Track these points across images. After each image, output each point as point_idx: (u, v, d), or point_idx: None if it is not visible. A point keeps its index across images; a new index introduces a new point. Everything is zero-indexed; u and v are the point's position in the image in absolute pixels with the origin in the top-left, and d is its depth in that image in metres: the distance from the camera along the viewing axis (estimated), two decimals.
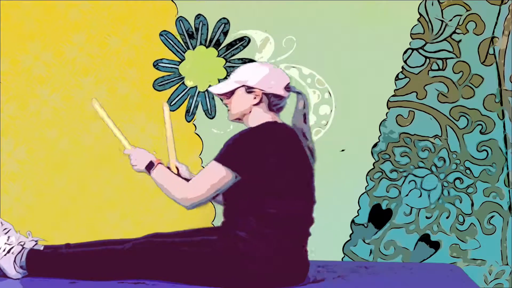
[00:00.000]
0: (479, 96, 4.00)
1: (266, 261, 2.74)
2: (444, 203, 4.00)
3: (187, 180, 2.86)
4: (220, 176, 2.75)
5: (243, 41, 3.89)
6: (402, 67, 3.99)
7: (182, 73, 3.97)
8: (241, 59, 3.96)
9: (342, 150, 3.98)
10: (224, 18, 3.95)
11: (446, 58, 3.99)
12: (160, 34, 3.96)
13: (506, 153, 3.99)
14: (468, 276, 3.16)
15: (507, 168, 3.99)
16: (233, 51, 3.94)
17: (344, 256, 3.99)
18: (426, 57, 3.99)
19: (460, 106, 4.00)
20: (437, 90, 4.00)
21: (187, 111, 3.97)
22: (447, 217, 4.00)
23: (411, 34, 3.98)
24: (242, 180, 2.76)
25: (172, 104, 3.95)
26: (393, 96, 3.99)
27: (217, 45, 3.96)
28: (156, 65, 3.97)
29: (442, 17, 3.98)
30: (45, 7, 3.99)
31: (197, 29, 3.92)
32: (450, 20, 3.98)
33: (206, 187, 2.76)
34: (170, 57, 3.99)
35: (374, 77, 3.97)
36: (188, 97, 3.97)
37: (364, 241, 4.00)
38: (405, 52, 3.98)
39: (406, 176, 4.00)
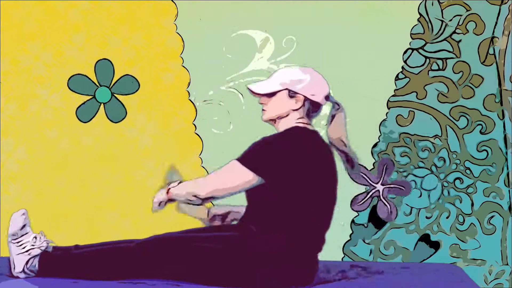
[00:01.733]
0: (479, 96, 3.99)
1: (278, 262, 2.73)
2: (444, 203, 4.00)
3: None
4: (244, 179, 2.76)
5: None
6: (402, 67, 3.99)
7: None
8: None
9: None
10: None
11: (446, 58, 3.99)
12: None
13: (506, 153, 3.99)
14: (468, 276, 3.16)
15: (507, 168, 3.99)
16: None
17: (344, 256, 3.99)
18: (426, 57, 3.99)
19: (460, 106, 4.00)
20: (437, 90, 4.00)
21: None
22: (447, 217, 4.00)
23: (411, 34, 3.98)
24: (266, 183, 2.77)
25: None
26: (393, 96, 3.99)
27: None
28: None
29: (442, 17, 3.98)
30: (45, 7, 3.99)
31: None
32: (450, 20, 3.98)
33: (225, 185, 2.78)
34: (171, 58, 3.99)
35: (374, 77, 3.97)
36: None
37: (364, 241, 4.00)
38: (405, 52, 3.98)
39: (406, 176, 4.00)
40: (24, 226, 2.93)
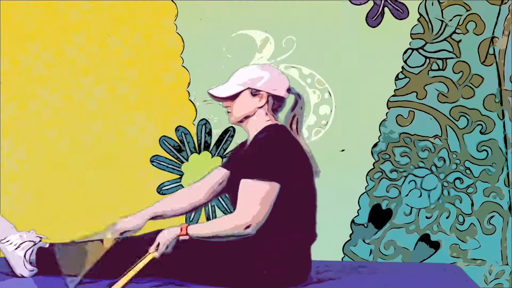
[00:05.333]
0: (479, 96, 4.00)
1: (271, 261, 2.74)
2: (444, 203, 4.00)
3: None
4: (270, 193, 2.73)
5: (229, 132, 3.92)
6: (402, 67, 3.99)
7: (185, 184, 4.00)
8: None
9: (342, 150, 3.98)
10: (203, 119, 3.96)
11: (446, 58, 3.99)
12: (151, 161, 3.98)
13: (506, 153, 3.99)
14: (468, 276, 3.16)
15: (507, 168, 3.99)
16: (224, 145, 3.95)
17: (344, 256, 3.99)
18: (426, 57, 3.99)
19: (460, 106, 4.00)
20: (437, 90, 4.00)
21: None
22: (447, 217, 4.00)
23: (411, 34, 3.98)
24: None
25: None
26: (393, 96, 3.99)
27: (207, 147, 3.97)
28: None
29: (442, 17, 3.98)
30: (45, 7, 3.99)
31: (181, 141, 3.94)
32: (450, 20, 3.98)
33: (262, 206, 2.72)
34: (171, 58, 3.99)
35: (374, 77, 3.97)
36: None
37: (364, 241, 4.00)
38: (405, 52, 3.99)
39: (406, 176, 4.00)
40: (5, 228, 2.94)
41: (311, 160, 2.87)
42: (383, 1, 3.89)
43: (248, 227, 2.69)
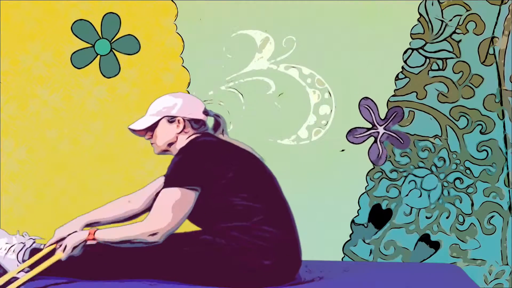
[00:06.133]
0: (479, 96, 4.00)
1: (258, 257, 2.75)
2: (444, 203, 4.00)
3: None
4: (183, 199, 2.75)
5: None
6: (402, 67, 3.99)
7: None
8: None
9: (342, 150, 3.98)
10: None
11: (446, 58, 3.99)
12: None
13: (506, 153, 3.99)
14: (468, 276, 3.16)
15: (507, 168, 4.00)
16: None
17: (344, 256, 3.99)
18: (426, 57, 3.99)
19: (460, 106, 4.00)
20: (437, 90, 4.00)
21: None
22: (447, 217, 4.00)
23: (411, 34, 3.98)
24: (203, 191, 2.78)
25: None
26: (393, 96, 3.99)
27: None
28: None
29: (442, 17, 3.98)
30: (45, 7, 3.99)
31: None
32: (450, 20, 3.98)
33: (172, 214, 2.74)
34: (171, 58, 3.99)
35: (374, 77, 3.97)
36: None
37: (364, 241, 4.00)
38: (405, 52, 3.99)
39: (406, 176, 4.00)
40: None
41: (243, 153, 2.89)
42: (374, 137, 3.95)
43: (153, 234, 2.71)
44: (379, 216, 4.02)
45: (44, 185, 4.01)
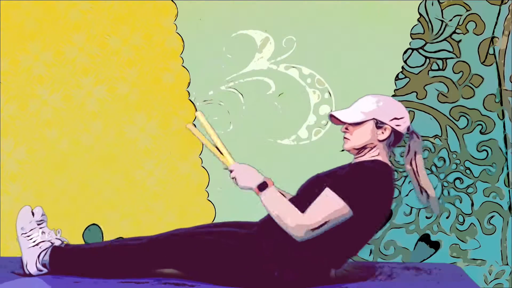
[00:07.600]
0: (479, 96, 4.00)
1: (283, 264, 2.73)
2: (444, 203, 4.00)
3: None
4: (341, 212, 2.71)
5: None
6: (402, 67, 3.99)
7: None
8: None
9: (342, 150, 3.98)
10: None
11: (446, 58, 3.99)
12: None
13: (506, 153, 3.99)
14: (468, 276, 3.16)
15: (507, 168, 4.00)
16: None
17: None
18: (426, 57, 3.99)
19: (460, 106, 4.00)
20: (437, 90, 4.00)
21: None
22: (447, 217, 4.00)
23: (411, 34, 3.98)
24: (355, 220, 2.75)
25: None
26: (393, 96, 3.99)
27: None
28: None
29: (442, 17, 3.98)
30: (45, 7, 3.99)
31: None
32: (450, 20, 3.98)
33: (323, 219, 2.70)
34: (171, 58, 3.99)
35: (374, 77, 3.97)
36: None
37: None
38: (405, 52, 3.99)
39: (406, 176, 4.00)
40: (31, 221, 2.92)
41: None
42: None
43: (301, 229, 2.67)
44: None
45: (44, 185, 4.01)
